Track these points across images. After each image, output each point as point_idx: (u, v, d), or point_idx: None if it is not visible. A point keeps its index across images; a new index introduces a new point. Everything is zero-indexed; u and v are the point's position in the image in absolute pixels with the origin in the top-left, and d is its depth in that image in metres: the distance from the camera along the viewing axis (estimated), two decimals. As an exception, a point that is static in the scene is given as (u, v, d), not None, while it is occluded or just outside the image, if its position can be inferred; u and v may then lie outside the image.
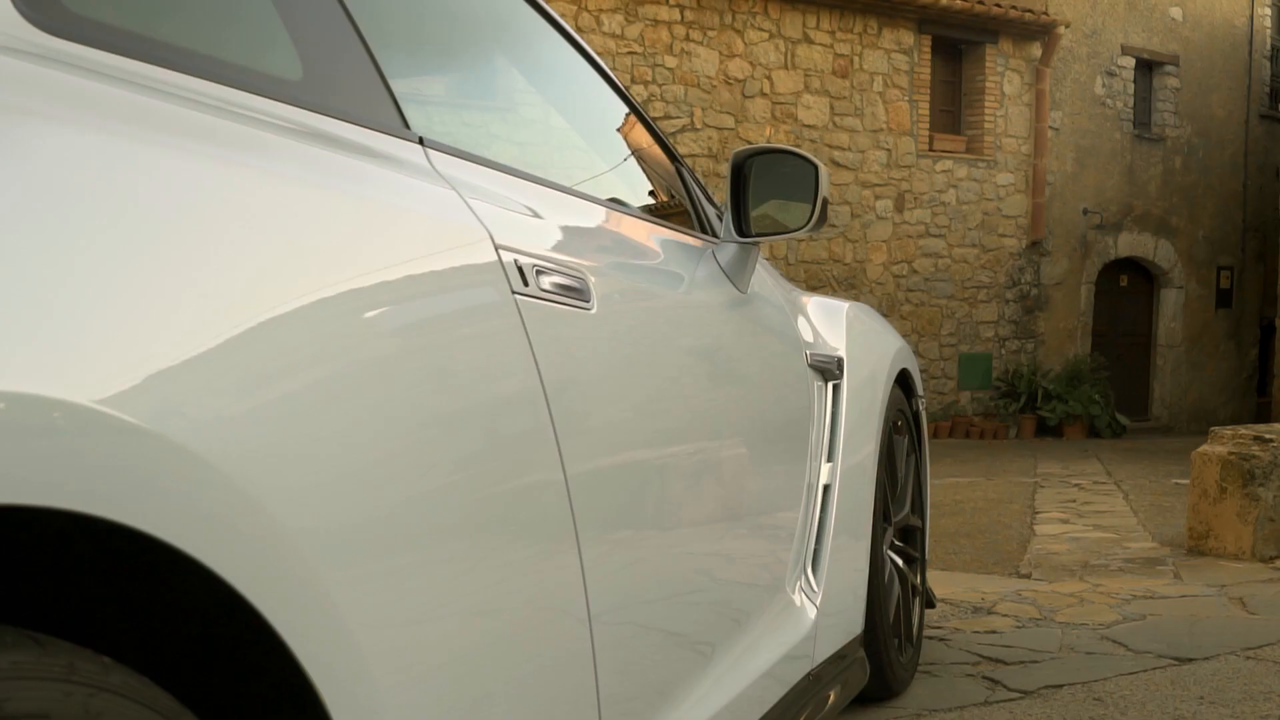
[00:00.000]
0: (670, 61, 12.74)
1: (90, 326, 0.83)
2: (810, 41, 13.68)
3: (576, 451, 1.47)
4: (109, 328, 0.85)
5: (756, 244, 2.41)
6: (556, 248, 1.60)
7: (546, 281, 1.50)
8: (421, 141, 1.47)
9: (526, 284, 1.44)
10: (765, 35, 13.38)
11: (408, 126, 1.47)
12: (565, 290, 1.54)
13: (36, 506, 0.76)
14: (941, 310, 15.00)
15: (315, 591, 0.98)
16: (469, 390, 1.29)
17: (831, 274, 13.78)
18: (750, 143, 13.01)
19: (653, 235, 2.11)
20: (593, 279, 1.64)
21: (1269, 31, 17.88)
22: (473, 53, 2.08)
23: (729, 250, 2.37)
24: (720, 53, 13.09)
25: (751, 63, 13.30)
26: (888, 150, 14.31)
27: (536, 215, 1.64)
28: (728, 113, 13.13)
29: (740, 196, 2.36)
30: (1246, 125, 17.60)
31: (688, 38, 12.88)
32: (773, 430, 2.44)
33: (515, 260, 1.44)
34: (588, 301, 1.60)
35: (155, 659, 0.97)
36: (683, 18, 12.84)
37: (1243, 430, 5.98)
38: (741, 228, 2.36)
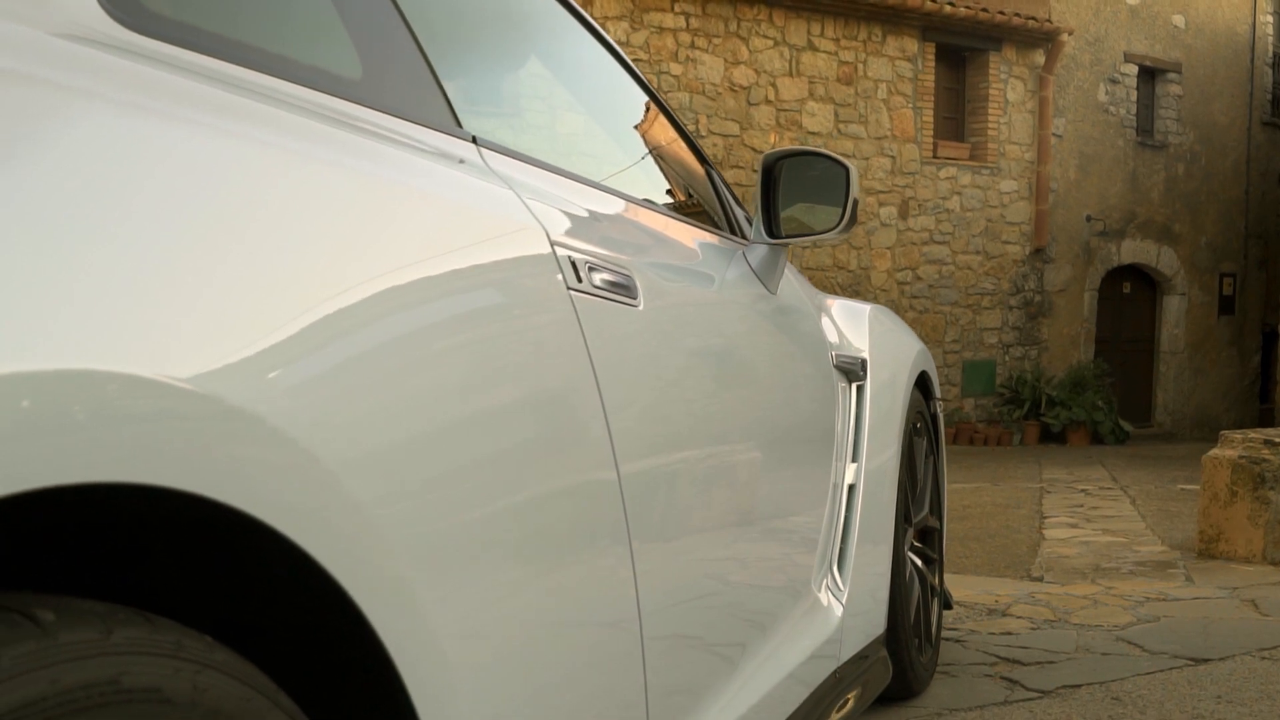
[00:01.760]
0: (675, 69, 12.78)
1: (185, 308, 0.85)
2: (815, 49, 13.72)
3: (627, 449, 1.50)
4: (203, 310, 0.87)
5: (786, 246, 2.44)
6: (604, 245, 1.63)
7: (597, 278, 1.52)
8: (475, 140, 1.49)
9: (580, 280, 1.47)
10: (770, 43, 13.41)
11: (460, 125, 1.49)
12: (614, 287, 1.57)
13: (140, 485, 0.78)
14: (945, 317, 15.03)
15: (399, 580, 1.01)
16: (531, 385, 1.32)
17: (836, 280, 13.81)
18: (756, 150, 13.05)
19: (688, 235, 2.14)
20: (638, 276, 1.66)
21: (1270, 39, 17.92)
22: (515, 57, 2.11)
23: (759, 251, 2.39)
24: (725, 60, 13.12)
25: (756, 70, 13.34)
26: (892, 157, 14.34)
27: (583, 213, 1.66)
28: (732, 120, 13.16)
29: (770, 198, 2.39)
30: (1249, 132, 17.64)
31: (693, 45, 12.92)
32: (804, 430, 2.47)
33: (569, 256, 1.46)
34: (635, 298, 1.62)
35: (244, 642, 0.99)
36: (688, 25, 12.88)
37: (1253, 434, 6.01)
38: (772, 229, 2.39)
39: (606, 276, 1.55)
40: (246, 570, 0.96)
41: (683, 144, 2.43)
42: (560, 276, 1.42)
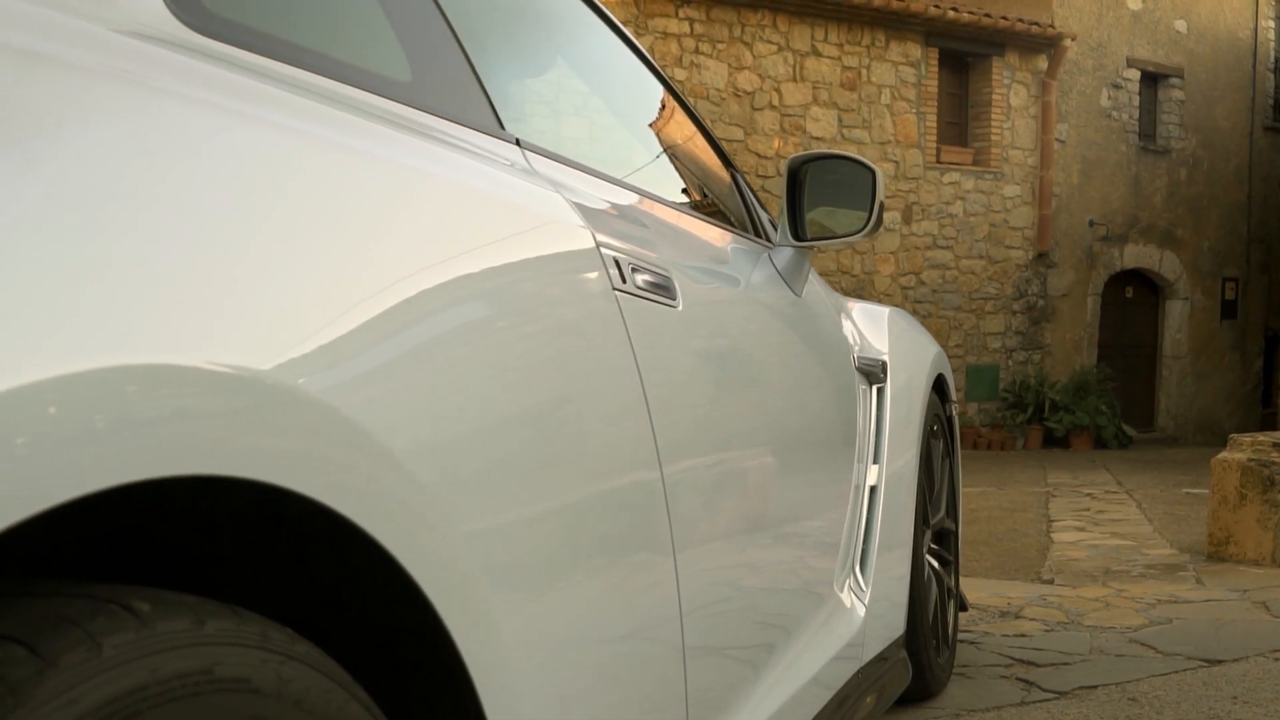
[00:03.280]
0: (680, 74, 12.80)
1: (251, 299, 0.86)
2: (818, 54, 13.74)
3: (669, 450, 1.51)
4: (269, 301, 0.88)
5: (811, 249, 2.45)
6: (643, 246, 1.64)
7: (640, 279, 1.54)
8: (518, 142, 1.51)
9: (624, 280, 1.48)
10: (774, 48, 13.44)
11: (502, 127, 1.51)
12: (655, 288, 1.58)
13: (232, 478, 0.80)
14: (949, 321, 15.04)
15: (464, 573, 1.02)
16: (580, 383, 1.33)
17: (840, 285, 13.82)
18: (760, 155, 13.07)
19: (717, 237, 2.16)
20: (675, 277, 1.68)
21: (1272, 44, 17.94)
22: (552, 62, 2.13)
23: (785, 254, 2.41)
24: (729, 65, 13.15)
25: (760, 75, 13.36)
26: (895, 162, 14.36)
27: (622, 215, 1.68)
28: (737, 125, 13.18)
29: (796, 202, 2.41)
30: (1251, 137, 17.66)
31: (697, 50, 12.94)
32: (830, 432, 2.49)
33: (614, 257, 1.48)
34: (674, 299, 1.64)
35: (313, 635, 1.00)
36: (692, 30, 12.91)
37: (1262, 437, 6.03)
38: (798, 232, 2.40)
39: (648, 277, 1.57)
40: (308, 566, 0.98)
41: (709, 148, 2.45)
42: (606, 277, 1.44)
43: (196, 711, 0.77)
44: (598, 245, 1.46)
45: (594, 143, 2.08)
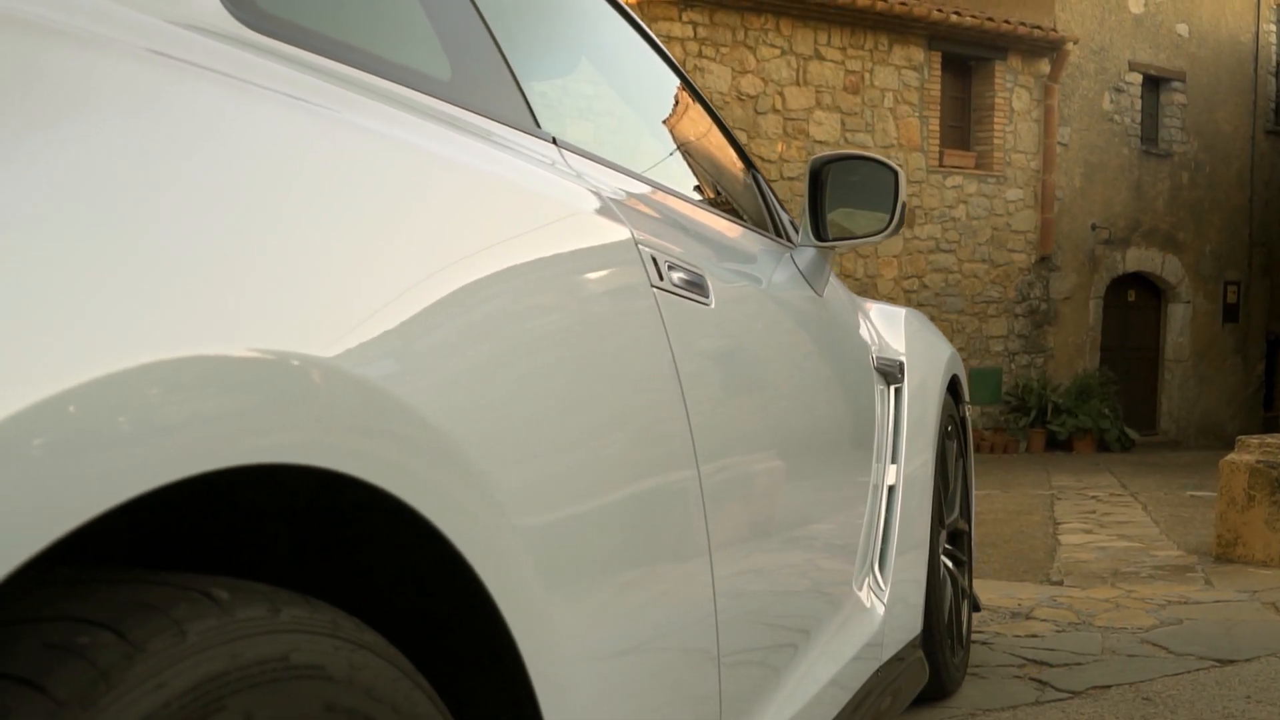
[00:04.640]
0: (683, 78, 12.81)
1: (310, 290, 0.87)
2: (821, 58, 13.76)
3: (705, 449, 1.52)
4: (327, 291, 0.89)
5: (833, 249, 2.47)
6: (676, 244, 1.66)
7: (675, 276, 1.55)
8: (554, 141, 1.53)
9: (661, 278, 1.50)
10: (777, 52, 13.46)
11: (539, 126, 1.52)
12: (690, 286, 1.60)
13: (293, 465, 0.80)
14: (951, 325, 15.05)
15: (524, 569, 1.03)
16: (624, 380, 1.35)
17: (843, 288, 13.83)
18: (763, 159, 13.08)
19: (743, 237, 2.17)
20: (707, 276, 1.69)
21: (1274, 47, 17.97)
22: (583, 65, 2.15)
23: (806, 254, 2.43)
24: (733, 69, 13.17)
25: (764, 79, 13.38)
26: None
27: (655, 213, 1.70)
28: (740, 129, 13.19)
29: (818, 202, 2.42)
30: (1252, 141, 17.69)
31: (700, 54, 12.96)
32: (852, 432, 2.50)
33: (651, 255, 1.50)
34: (707, 297, 1.65)
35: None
36: (695, 34, 12.92)
37: (1270, 439, 6.04)
38: (820, 233, 2.42)
39: (683, 275, 1.58)
40: (347, 561, 0.99)
41: (731, 148, 2.47)
42: (644, 273, 1.45)
43: (274, 698, 0.78)
44: (636, 242, 1.47)
45: (623, 142, 2.10)
